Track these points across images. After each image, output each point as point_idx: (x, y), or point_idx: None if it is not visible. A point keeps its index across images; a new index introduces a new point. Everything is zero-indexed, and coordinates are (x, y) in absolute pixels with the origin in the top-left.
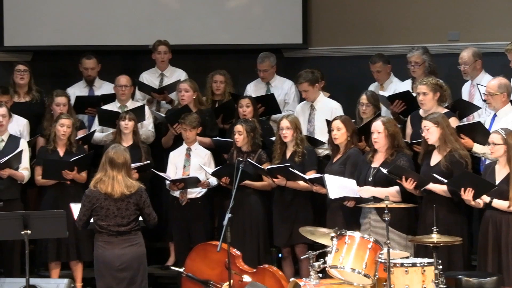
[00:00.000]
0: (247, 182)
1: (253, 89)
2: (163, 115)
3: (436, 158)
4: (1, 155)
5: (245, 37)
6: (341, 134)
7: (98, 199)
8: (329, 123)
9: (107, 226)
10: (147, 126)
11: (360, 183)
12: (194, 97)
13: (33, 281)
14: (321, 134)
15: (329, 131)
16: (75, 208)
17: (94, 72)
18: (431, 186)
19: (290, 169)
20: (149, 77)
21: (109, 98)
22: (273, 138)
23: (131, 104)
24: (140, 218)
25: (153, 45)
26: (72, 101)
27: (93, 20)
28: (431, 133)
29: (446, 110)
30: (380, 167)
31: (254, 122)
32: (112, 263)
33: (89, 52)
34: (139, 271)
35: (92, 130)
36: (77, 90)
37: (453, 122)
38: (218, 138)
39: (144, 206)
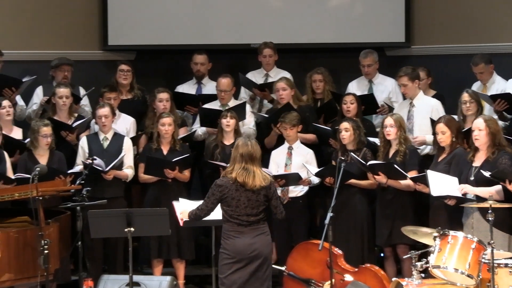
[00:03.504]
0: (353, 181)
1: (355, 87)
2: (265, 115)
3: None
4: (105, 153)
5: (347, 36)
6: (446, 137)
7: (229, 189)
8: (433, 123)
9: (238, 216)
10: (248, 125)
11: (461, 183)
12: (292, 94)
13: (136, 278)
14: (420, 132)
15: (434, 133)
16: (178, 206)
17: (203, 68)
18: None
19: (395, 166)
20: (253, 77)
21: (207, 99)
22: (373, 139)
23: (232, 104)
24: None
25: (258, 47)
26: None
27: (195, 20)
28: None
29: None
30: (482, 170)
31: (358, 121)
32: (243, 251)
33: (202, 50)
34: (266, 260)
35: (192, 129)
36: (186, 87)
37: None
38: (318, 125)
39: (272, 198)
